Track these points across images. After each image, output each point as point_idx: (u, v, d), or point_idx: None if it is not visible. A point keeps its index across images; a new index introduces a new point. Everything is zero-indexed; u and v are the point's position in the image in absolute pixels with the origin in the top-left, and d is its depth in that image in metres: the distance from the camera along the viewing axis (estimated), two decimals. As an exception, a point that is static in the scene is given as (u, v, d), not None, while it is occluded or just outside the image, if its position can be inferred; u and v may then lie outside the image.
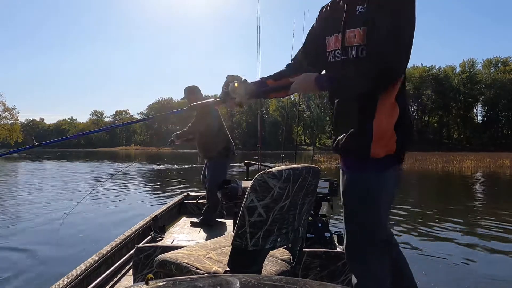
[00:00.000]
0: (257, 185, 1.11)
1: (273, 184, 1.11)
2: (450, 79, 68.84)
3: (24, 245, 4.07)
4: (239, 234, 1.12)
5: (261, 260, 1.25)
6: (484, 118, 68.50)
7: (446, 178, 13.87)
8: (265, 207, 1.11)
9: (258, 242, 1.13)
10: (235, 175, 10.63)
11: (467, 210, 6.57)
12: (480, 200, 8.09)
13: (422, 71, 70.07)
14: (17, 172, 16.08)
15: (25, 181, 11.75)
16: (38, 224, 5.19)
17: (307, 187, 1.29)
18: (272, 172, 1.12)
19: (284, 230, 1.23)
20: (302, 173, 1.22)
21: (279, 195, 1.13)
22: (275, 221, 1.16)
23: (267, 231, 1.14)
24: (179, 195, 4.52)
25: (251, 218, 1.11)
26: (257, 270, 1.22)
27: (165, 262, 1.31)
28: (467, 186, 11.17)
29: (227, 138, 3.81)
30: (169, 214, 3.75)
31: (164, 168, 18.56)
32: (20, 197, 7.87)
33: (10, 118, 45.25)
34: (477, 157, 24.02)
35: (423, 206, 7.13)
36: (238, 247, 1.13)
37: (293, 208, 1.25)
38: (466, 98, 68.13)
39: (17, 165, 19.68)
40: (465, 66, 68.72)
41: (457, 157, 24.46)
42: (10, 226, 5.06)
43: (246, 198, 1.11)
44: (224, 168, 3.77)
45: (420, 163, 20.49)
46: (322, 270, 2.14)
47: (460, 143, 64.38)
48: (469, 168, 18.21)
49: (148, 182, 11.84)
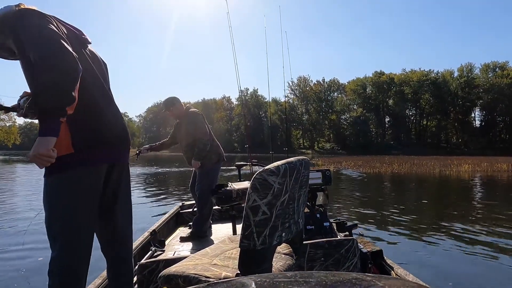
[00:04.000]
0: (257, 184, 1.11)
1: (273, 180, 1.11)
2: (448, 83, 68.96)
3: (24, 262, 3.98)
4: (246, 235, 1.12)
5: (271, 257, 1.26)
6: (482, 122, 68.61)
7: (442, 182, 13.91)
8: (268, 204, 1.12)
9: (265, 240, 1.13)
10: (223, 179, 10.69)
11: (462, 214, 6.61)
12: (475, 204, 8.13)
13: (420, 76, 70.22)
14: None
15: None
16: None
17: (301, 179, 1.30)
18: (270, 169, 1.13)
19: (287, 224, 1.25)
20: (296, 166, 1.23)
21: (279, 191, 1.14)
22: (278, 216, 1.17)
23: (272, 228, 1.15)
24: (178, 200, 4.51)
25: (256, 217, 1.11)
26: (268, 267, 1.22)
27: (171, 277, 1.29)
28: (463, 190, 11.21)
29: (216, 144, 3.75)
30: (166, 226, 3.70)
31: (165, 171, 18.55)
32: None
33: (8, 120, 45.10)
34: (474, 161, 24.07)
35: (418, 210, 7.18)
36: (246, 248, 1.12)
37: (292, 201, 1.26)
38: (464, 102, 68.25)
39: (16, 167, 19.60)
40: (463, 71, 68.84)
41: (454, 161, 24.51)
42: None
43: (248, 199, 1.11)
44: (216, 174, 3.69)
45: (418, 167, 20.52)
46: (326, 259, 2.18)
47: (458, 147, 64.39)
48: (466, 172, 18.24)
49: (146, 187, 11.81)
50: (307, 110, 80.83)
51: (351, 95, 76.98)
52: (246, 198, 1.13)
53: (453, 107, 69.28)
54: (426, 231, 4.98)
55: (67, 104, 1.25)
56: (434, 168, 19.99)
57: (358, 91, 75.55)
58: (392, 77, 73.11)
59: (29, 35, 1.30)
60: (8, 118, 44.72)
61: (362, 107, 74.66)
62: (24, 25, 1.31)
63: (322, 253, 2.18)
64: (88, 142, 1.41)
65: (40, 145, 1.23)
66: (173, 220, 3.99)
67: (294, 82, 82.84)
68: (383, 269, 2.30)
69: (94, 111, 1.45)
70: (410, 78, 70.89)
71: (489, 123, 65.93)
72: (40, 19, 1.34)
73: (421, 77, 69.94)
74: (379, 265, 2.36)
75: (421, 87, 69.39)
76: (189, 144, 3.65)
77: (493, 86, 63.48)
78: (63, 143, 1.36)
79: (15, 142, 44.97)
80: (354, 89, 76.04)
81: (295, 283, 0.51)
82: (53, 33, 1.30)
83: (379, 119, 73.95)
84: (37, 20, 1.32)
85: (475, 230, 5.08)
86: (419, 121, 73.82)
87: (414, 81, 69.76)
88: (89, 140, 1.42)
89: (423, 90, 69.54)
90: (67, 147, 1.37)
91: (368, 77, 76.30)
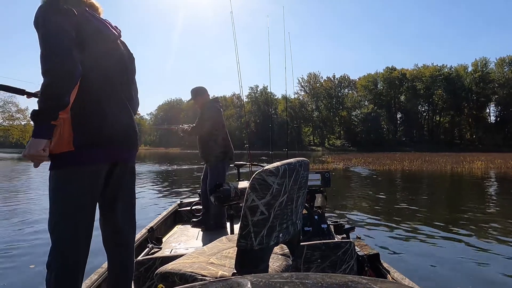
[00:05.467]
0: (256, 184, 1.11)
1: (272, 181, 1.12)
2: (462, 78, 67.62)
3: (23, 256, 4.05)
4: (243, 235, 1.12)
5: (267, 258, 1.26)
6: (497, 118, 67.10)
7: (453, 180, 13.66)
8: (266, 204, 1.12)
9: (263, 240, 1.13)
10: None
11: (470, 217, 6.46)
12: (485, 205, 7.95)
13: (433, 71, 69.05)
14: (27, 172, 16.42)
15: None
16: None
17: (300, 180, 1.30)
18: (269, 169, 1.13)
19: (285, 224, 1.25)
20: (296, 167, 1.23)
21: (278, 191, 1.14)
22: (276, 217, 1.17)
23: (270, 228, 1.15)
24: (177, 198, 4.54)
25: (254, 217, 1.11)
26: (265, 268, 1.22)
27: (167, 274, 1.30)
28: (474, 189, 10.98)
29: (225, 143, 3.73)
30: (164, 224, 3.72)
31: (175, 169, 18.72)
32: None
33: (23, 119, 46.12)
34: (488, 158, 23.57)
35: (423, 211, 7.05)
36: (244, 248, 1.13)
37: (290, 202, 1.26)
38: (478, 97, 66.85)
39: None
40: (478, 65, 67.39)
41: (467, 157, 24.05)
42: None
43: (246, 199, 1.12)
44: (223, 172, 3.70)
45: (429, 164, 20.22)
46: (323, 261, 2.18)
47: (472, 144, 63.16)
48: (479, 169, 17.86)
49: (147, 184, 11.91)
50: (317, 106, 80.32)
51: (362, 91, 76.21)
52: (244, 197, 1.13)
53: (467, 103, 67.94)
54: (427, 234, 4.78)
55: (58, 109, 1.27)
56: (445, 165, 19.66)
57: (369, 87, 74.74)
58: (404, 72, 72.06)
59: (42, 30, 1.31)
60: (23, 117, 45.75)
61: (373, 103, 73.82)
62: (43, 19, 1.32)
63: (319, 254, 2.17)
64: (89, 141, 1.42)
65: (31, 146, 1.30)
66: (171, 218, 4.01)
67: (304, 79, 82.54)
68: (379, 273, 2.28)
69: (98, 110, 1.46)
70: (423, 74, 69.75)
71: (504, 118, 64.36)
72: (55, 14, 1.33)
73: (434, 72, 68.75)
74: (376, 268, 2.34)
75: (434, 82, 68.22)
76: (201, 136, 3.71)
77: (509, 81, 61.98)
78: (65, 140, 1.39)
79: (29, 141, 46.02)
80: (365, 85, 75.25)
81: (291, 284, 0.51)
82: (59, 33, 1.30)
83: (390, 115, 73.04)
84: (52, 16, 1.32)
85: (482, 235, 4.86)
86: (431, 117, 72.64)
87: (426, 77, 68.61)
88: (90, 138, 1.43)
89: (436, 85, 68.37)
90: (68, 144, 1.39)
91: (379, 73, 75.40)
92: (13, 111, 44.76)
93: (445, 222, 5.49)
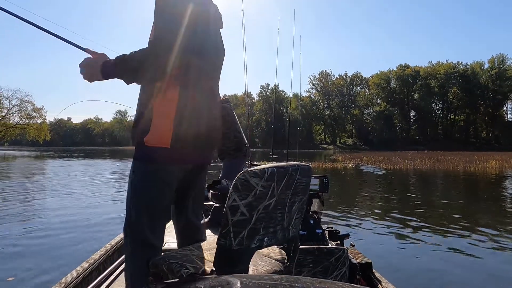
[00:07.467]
0: (239, 184, 1.10)
1: (255, 182, 1.10)
2: (477, 75, 66.13)
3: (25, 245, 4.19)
4: (223, 233, 1.12)
5: (247, 259, 1.25)
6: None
7: (465, 180, 13.38)
8: (247, 206, 1.11)
9: (242, 241, 1.12)
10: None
11: (478, 223, 6.32)
12: (497, 208, 7.76)
13: (447, 68, 67.71)
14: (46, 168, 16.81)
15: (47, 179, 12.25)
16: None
17: (296, 186, 1.27)
18: (253, 170, 1.11)
19: (272, 229, 1.23)
20: (288, 171, 1.20)
21: (262, 194, 1.12)
22: (260, 220, 1.15)
23: (251, 230, 1.14)
24: None
25: (234, 217, 1.10)
26: (244, 269, 1.21)
27: (158, 262, 1.33)
28: (486, 189, 10.74)
29: (237, 140, 3.74)
30: None
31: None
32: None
33: (39, 117, 47.13)
34: (503, 157, 23.00)
35: (427, 216, 6.92)
36: (222, 246, 1.13)
37: (281, 207, 1.23)
38: (495, 95, 65.24)
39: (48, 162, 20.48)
40: (494, 62, 65.76)
41: (481, 157, 23.52)
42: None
43: (228, 197, 1.11)
44: (238, 168, 3.63)
45: (441, 163, 19.88)
46: (315, 266, 2.17)
47: (488, 142, 61.76)
48: (493, 168, 17.46)
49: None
50: (328, 105, 79.73)
51: (374, 89, 75.30)
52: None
53: (483, 101, 66.41)
54: (426, 241, 4.50)
55: (121, 74, 1.37)
56: (458, 164, 19.29)
57: (382, 85, 73.77)
58: (418, 70, 70.85)
59: (155, 17, 1.36)
60: (39, 116, 46.78)
61: (386, 102, 72.84)
62: (160, 6, 1.36)
63: (312, 259, 2.17)
64: (183, 142, 1.41)
65: (91, 62, 1.39)
66: None
67: (316, 77, 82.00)
68: (370, 282, 2.27)
69: (193, 110, 1.45)
70: (437, 71, 68.45)
71: (522, 116, 62.68)
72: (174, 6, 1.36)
73: (449, 70, 67.43)
74: (367, 277, 2.33)
75: (449, 80, 66.93)
76: None
77: (527, 78, 60.30)
78: (164, 134, 1.37)
79: (45, 139, 46.93)
80: (378, 83, 74.30)
81: (280, 286, 0.51)
82: (166, 28, 1.33)
83: (403, 113, 71.96)
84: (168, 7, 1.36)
85: (485, 245, 4.54)
86: (446, 115, 71.31)
87: (441, 74, 67.32)
88: (185, 139, 1.41)
89: (451, 83, 67.07)
90: (166, 141, 1.37)
91: (392, 70, 74.35)
92: (29, 109, 45.88)
93: (448, 231, 5.15)
